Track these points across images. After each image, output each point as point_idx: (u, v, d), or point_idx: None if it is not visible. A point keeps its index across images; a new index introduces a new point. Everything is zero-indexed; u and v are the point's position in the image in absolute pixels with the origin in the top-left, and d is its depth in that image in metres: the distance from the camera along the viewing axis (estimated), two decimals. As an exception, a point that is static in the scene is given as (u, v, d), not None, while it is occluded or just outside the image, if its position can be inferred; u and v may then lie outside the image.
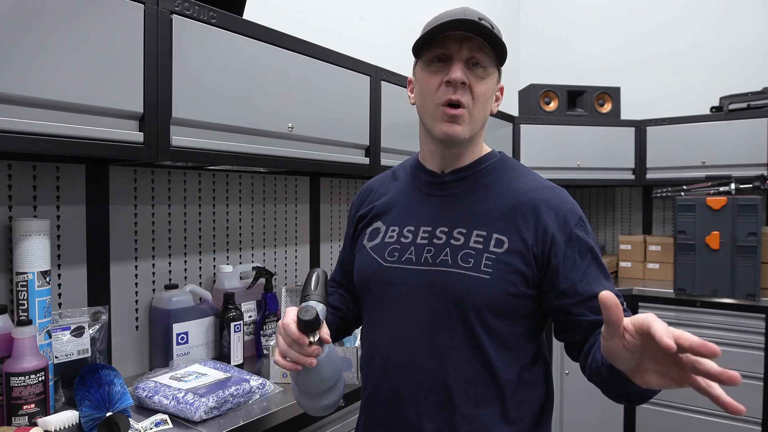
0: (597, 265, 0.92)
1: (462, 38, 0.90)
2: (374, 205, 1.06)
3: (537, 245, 0.90)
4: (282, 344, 0.86)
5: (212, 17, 1.29)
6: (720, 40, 3.13)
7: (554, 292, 0.90)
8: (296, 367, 0.85)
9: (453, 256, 0.91)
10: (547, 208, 0.92)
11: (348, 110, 1.74)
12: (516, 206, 0.93)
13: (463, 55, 0.90)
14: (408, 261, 0.95)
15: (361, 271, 1.03)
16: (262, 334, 1.69)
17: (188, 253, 1.64)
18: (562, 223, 0.91)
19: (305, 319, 0.83)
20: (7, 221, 1.25)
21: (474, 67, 0.91)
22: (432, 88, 0.92)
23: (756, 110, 2.67)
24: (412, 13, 2.73)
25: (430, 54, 0.92)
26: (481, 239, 0.91)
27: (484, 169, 0.99)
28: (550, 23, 3.70)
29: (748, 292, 2.45)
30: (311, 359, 0.85)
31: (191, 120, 1.26)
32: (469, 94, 0.91)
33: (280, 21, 1.74)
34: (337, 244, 2.21)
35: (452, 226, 0.94)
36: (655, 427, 2.67)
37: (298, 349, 0.85)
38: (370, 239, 1.03)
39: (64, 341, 1.26)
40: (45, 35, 0.99)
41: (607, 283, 0.91)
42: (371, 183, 1.13)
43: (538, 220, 0.91)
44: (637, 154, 2.96)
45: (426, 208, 0.99)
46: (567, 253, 0.90)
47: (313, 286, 0.92)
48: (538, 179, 0.98)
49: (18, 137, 0.97)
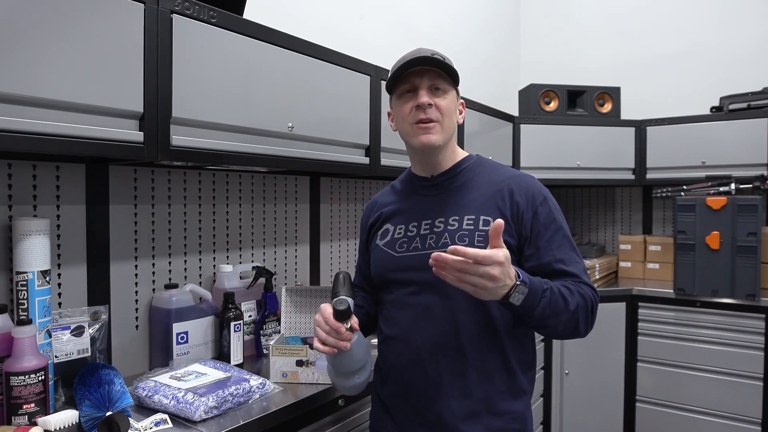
0: (562, 235, 1.14)
1: (422, 72, 1.14)
2: (381, 212, 1.29)
3: (513, 220, 1.14)
4: (321, 333, 1.08)
5: (212, 17, 1.29)
6: (720, 40, 3.13)
7: (524, 256, 1.14)
8: (333, 350, 1.07)
9: (451, 238, 1.13)
10: (519, 190, 1.16)
11: (348, 110, 1.74)
12: (495, 192, 1.17)
13: (425, 84, 1.15)
14: (415, 249, 1.18)
15: (377, 263, 1.25)
16: (261, 334, 1.69)
17: (188, 252, 1.64)
18: (530, 201, 1.15)
19: (340, 309, 1.05)
20: (7, 221, 1.25)
21: (435, 91, 1.16)
22: (406, 113, 1.17)
23: (756, 110, 2.67)
24: (412, 13, 2.73)
25: (401, 88, 1.18)
26: (472, 222, 1.14)
27: (465, 168, 1.23)
28: (550, 23, 3.70)
29: (748, 292, 2.45)
30: (345, 343, 1.06)
31: (191, 120, 1.26)
32: (436, 111, 1.15)
33: (280, 20, 1.74)
34: (337, 243, 2.21)
35: (447, 216, 1.17)
36: (655, 427, 2.68)
37: (335, 335, 1.06)
38: (382, 238, 1.25)
39: (64, 341, 1.26)
40: (45, 34, 0.99)
41: (570, 253, 1.14)
42: (376, 198, 1.37)
43: (512, 200, 1.15)
44: (637, 154, 2.96)
45: (423, 205, 1.22)
46: (533, 225, 1.13)
47: (342, 285, 1.16)
48: (511, 170, 1.24)
49: (18, 137, 0.97)
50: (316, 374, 1.40)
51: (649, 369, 2.70)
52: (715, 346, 2.54)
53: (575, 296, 1.07)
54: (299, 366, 1.40)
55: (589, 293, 1.11)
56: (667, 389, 2.65)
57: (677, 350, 2.62)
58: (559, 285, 1.07)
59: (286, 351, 1.40)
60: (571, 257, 1.14)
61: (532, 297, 1.00)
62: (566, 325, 1.07)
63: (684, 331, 2.61)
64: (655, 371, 2.68)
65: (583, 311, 1.08)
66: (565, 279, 1.11)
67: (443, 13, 2.98)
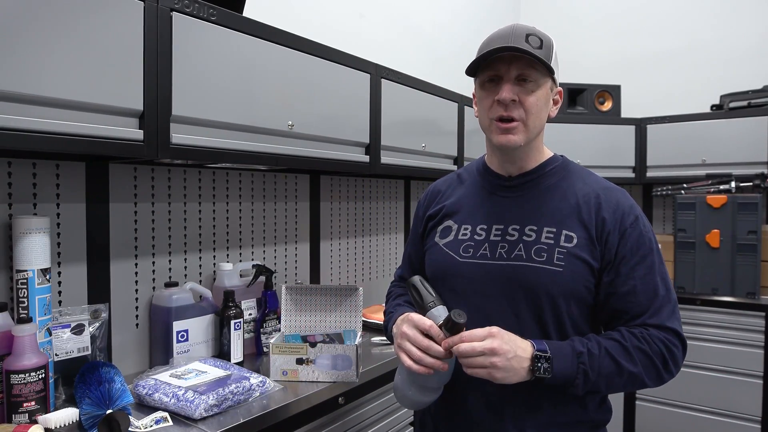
0: (650, 262, 0.99)
1: (510, 58, 0.97)
2: (443, 205, 1.15)
3: (599, 240, 0.99)
4: (416, 352, 0.94)
5: (212, 14, 1.29)
6: (721, 38, 3.12)
7: (602, 284, 1.00)
8: (429, 370, 0.93)
9: (527, 251, 1.00)
10: (607, 206, 1.01)
11: (348, 108, 1.74)
12: (581, 204, 1.02)
13: (511, 74, 0.98)
14: (483, 256, 1.04)
15: (435, 265, 1.11)
16: (262, 332, 1.69)
17: (188, 250, 1.64)
18: (618, 220, 1.00)
19: (461, 322, 0.91)
20: (7, 219, 1.25)
21: (523, 82, 0.99)
22: (486, 106, 1.02)
23: (756, 108, 2.67)
24: (412, 10, 2.73)
25: (483, 75, 1.02)
26: (552, 235, 1.00)
27: (548, 171, 1.08)
28: (550, 21, 3.69)
29: (748, 290, 2.45)
30: (445, 364, 0.94)
31: (191, 118, 1.26)
32: (520, 107, 0.99)
33: (280, 18, 1.73)
34: (338, 241, 2.21)
35: (523, 224, 1.03)
36: (655, 425, 2.68)
37: (437, 354, 0.93)
38: (443, 236, 1.11)
39: (64, 339, 1.26)
40: (45, 32, 0.99)
41: (657, 280, 0.99)
42: (437, 185, 1.22)
43: (599, 216, 1.00)
44: (638, 152, 2.96)
45: (496, 207, 1.08)
46: (619, 249, 0.99)
47: (432, 292, 1.00)
48: (600, 180, 1.08)
49: (18, 135, 0.97)
50: (316, 372, 1.40)
51: (648, 367, 2.70)
52: (715, 344, 2.54)
53: (633, 353, 0.94)
54: (299, 364, 1.40)
55: (658, 346, 0.96)
56: (666, 387, 2.64)
57: (677, 348, 2.62)
58: (608, 343, 0.94)
59: (286, 349, 1.40)
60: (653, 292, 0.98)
61: (562, 363, 0.90)
62: (628, 386, 0.96)
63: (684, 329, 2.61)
64: (654, 369, 2.68)
65: (649, 368, 0.95)
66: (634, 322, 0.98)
67: (443, 11, 2.97)
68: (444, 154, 2.27)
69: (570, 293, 0.98)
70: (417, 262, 1.22)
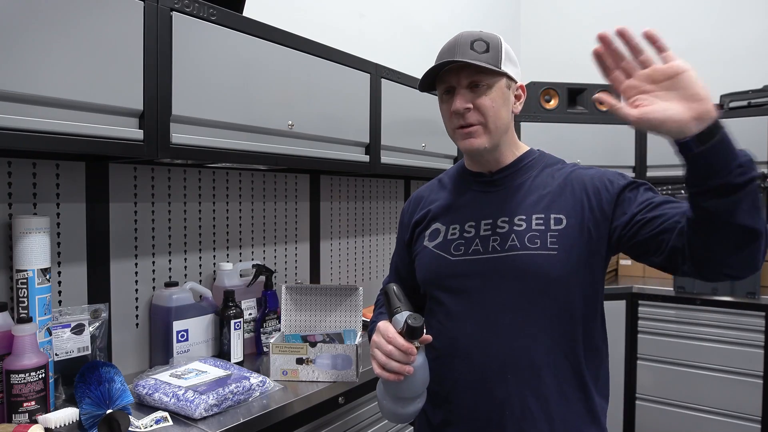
0: (647, 188, 0.99)
1: (458, 69, 1.01)
2: (429, 209, 1.15)
3: (593, 209, 0.99)
4: (382, 357, 0.95)
5: (212, 14, 1.29)
6: (720, 38, 3.12)
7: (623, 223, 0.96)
8: (399, 377, 0.94)
9: (520, 240, 1.01)
10: (591, 180, 1.03)
11: (348, 108, 1.74)
12: (563, 187, 1.03)
13: (462, 84, 1.01)
14: (475, 252, 1.04)
15: (426, 269, 1.11)
16: (262, 332, 1.69)
17: (188, 250, 1.64)
18: (611, 183, 1.01)
19: (416, 326, 0.92)
20: (7, 219, 1.25)
21: (476, 88, 1.01)
22: (447, 116, 1.06)
23: (756, 108, 2.67)
24: (412, 10, 2.73)
25: (439, 88, 1.06)
26: (541, 221, 1.01)
27: (527, 164, 1.10)
28: (550, 20, 3.69)
29: (748, 290, 2.45)
30: (410, 367, 0.94)
31: (191, 117, 1.26)
32: (476, 112, 1.01)
33: (280, 18, 1.73)
34: (337, 241, 2.21)
35: (511, 215, 1.04)
36: (655, 425, 2.68)
37: (399, 358, 0.93)
38: (431, 239, 1.11)
39: (64, 339, 1.26)
40: (45, 32, 0.99)
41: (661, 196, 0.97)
42: (420, 191, 1.23)
43: (592, 185, 1.01)
44: (638, 152, 2.96)
45: (482, 204, 1.09)
46: (620, 200, 0.99)
47: (400, 299, 1.00)
48: (577, 164, 1.12)
49: (18, 134, 0.97)
50: (316, 372, 1.40)
51: (649, 367, 2.70)
52: (715, 344, 2.54)
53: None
54: (299, 364, 1.40)
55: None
56: (667, 387, 2.66)
57: (677, 348, 2.62)
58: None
59: (286, 349, 1.40)
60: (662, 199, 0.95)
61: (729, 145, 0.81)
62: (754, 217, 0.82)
63: (684, 329, 2.61)
64: (655, 369, 2.69)
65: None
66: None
67: (443, 11, 2.97)
68: (444, 154, 2.27)
69: (568, 273, 0.99)
70: (404, 270, 1.22)
